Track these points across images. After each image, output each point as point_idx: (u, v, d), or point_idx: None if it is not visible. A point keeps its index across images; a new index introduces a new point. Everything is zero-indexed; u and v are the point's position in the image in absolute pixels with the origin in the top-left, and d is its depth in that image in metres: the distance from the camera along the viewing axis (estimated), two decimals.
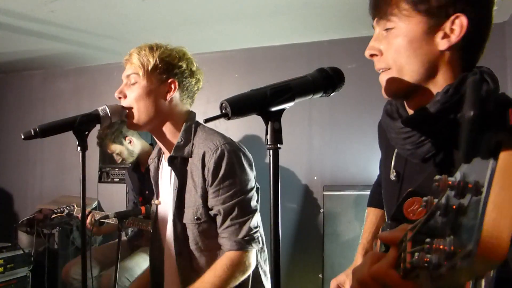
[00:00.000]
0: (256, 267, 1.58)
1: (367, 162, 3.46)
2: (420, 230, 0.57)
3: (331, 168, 3.63)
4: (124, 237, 3.25)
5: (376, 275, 0.64)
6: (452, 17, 0.88)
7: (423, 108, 0.92)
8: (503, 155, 0.47)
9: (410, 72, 0.93)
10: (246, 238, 1.47)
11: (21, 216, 4.39)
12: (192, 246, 1.54)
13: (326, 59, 3.60)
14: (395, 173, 1.07)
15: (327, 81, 0.96)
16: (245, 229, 1.47)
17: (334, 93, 0.98)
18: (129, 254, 3.17)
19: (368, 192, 1.60)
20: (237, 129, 3.79)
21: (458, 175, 0.50)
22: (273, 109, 0.90)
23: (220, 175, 1.46)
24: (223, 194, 1.47)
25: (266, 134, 0.90)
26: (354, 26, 3.27)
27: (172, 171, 1.58)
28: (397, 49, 0.92)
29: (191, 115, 1.62)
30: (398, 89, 0.96)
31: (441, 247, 0.49)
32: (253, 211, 1.51)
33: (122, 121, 3.11)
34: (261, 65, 3.87)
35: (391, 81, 0.96)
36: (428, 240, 0.52)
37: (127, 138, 3.06)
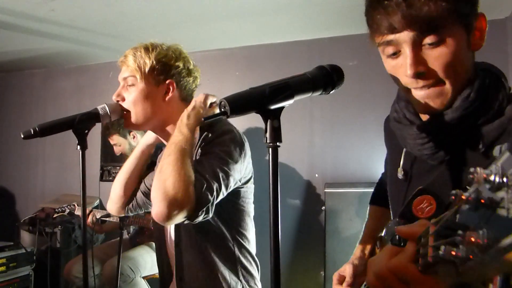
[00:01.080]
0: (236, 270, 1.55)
1: (368, 159, 3.46)
2: (445, 225, 0.56)
3: (332, 166, 3.62)
4: (126, 235, 3.26)
5: (395, 269, 0.64)
6: (478, 18, 0.87)
7: (441, 114, 0.90)
8: None
9: (459, 83, 0.89)
10: (204, 190, 1.31)
11: (23, 215, 4.40)
12: (191, 237, 1.53)
13: (327, 57, 3.59)
14: (403, 172, 1.06)
15: (326, 78, 0.95)
16: (206, 187, 1.32)
17: (333, 90, 0.98)
18: None
19: (369, 190, 1.59)
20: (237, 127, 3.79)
21: (493, 168, 0.48)
22: (272, 107, 0.89)
23: (209, 140, 1.44)
24: (203, 154, 1.42)
25: (266, 132, 0.90)
26: (355, 23, 3.26)
27: None
28: (454, 61, 0.85)
29: None
30: (449, 101, 0.90)
31: (472, 239, 0.47)
32: (220, 179, 1.37)
33: None
34: (261, 63, 3.86)
35: (446, 93, 0.89)
36: (460, 232, 0.50)
37: (131, 133, 3.08)
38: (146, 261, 3.04)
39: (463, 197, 0.50)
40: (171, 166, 1.31)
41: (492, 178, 0.47)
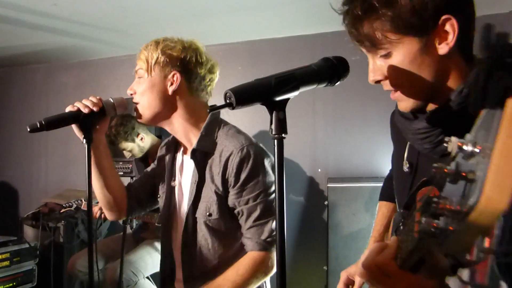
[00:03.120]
0: None
1: (371, 154, 3.45)
2: (428, 199, 0.57)
3: (335, 160, 3.62)
4: (129, 230, 3.27)
5: (378, 264, 0.76)
6: (440, 23, 0.88)
7: (440, 109, 0.93)
8: (510, 102, 0.48)
9: (422, 88, 0.93)
10: (269, 239, 1.46)
11: (26, 210, 4.40)
12: (201, 241, 1.53)
13: (330, 51, 3.53)
14: (408, 165, 1.07)
15: (332, 70, 0.96)
16: (268, 230, 1.46)
17: (339, 82, 0.98)
18: (134, 247, 3.18)
19: (372, 184, 1.60)
20: (240, 122, 3.79)
21: (468, 136, 0.51)
22: (278, 98, 0.89)
23: (244, 176, 1.45)
24: (247, 195, 1.46)
25: (271, 123, 0.89)
26: None
27: (192, 163, 1.56)
28: (401, 72, 0.92)
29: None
30: (414, 105, 0.96)
31: (447, 206, 0.50)
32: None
33: (133, 117, 3.13)
34: (264, 58, 3.85)
35: (405, 99, 0.96)
36: (435, 199, 0.52)
37: (139, 136, 3.10)
38: (147, 262, 3.06)
39: (445, 170, 0.53)
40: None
41: (465, 147, 0.50)
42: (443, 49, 0.90)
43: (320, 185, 3.65)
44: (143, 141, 3.13)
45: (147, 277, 3.10)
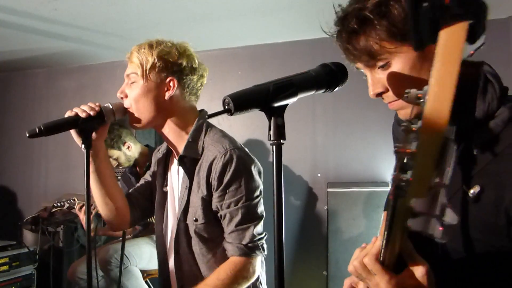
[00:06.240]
0: (257, 278, 1.57)
1: (370, 159, 3.45)
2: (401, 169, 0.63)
3: (335, 165, 3.62)
4: (128, 236, 3.26)
5: (364, 263, 0.84)
6: None
7: None
8: (442, 33, 0.53)
9: None
10: (250, 244, 1.46)
11: (25, 214, 4.40)
12: (191, 248, 1.54)
13: (330, 56, 3.55)
14: None
15: (330, 76, 0.96)
16: (249, 235, 1.46)
17: (337, 88, 0.98)
18: None
19: (371, 189, 1.59)
20: (240, 126, 3.79)
21: (426, 88, 0.56)
22: (276, 104, 0.89)
23: (226, 180, 1.45)
24: (229, 198, 1.46)
25: (269, 129, 0.90)
26: None
27: (181, 170, 1.57)
28: (402, 79, 0.91)
29: (202, 113, 1.60)
30: (416, 110, 0.95)
31: (401, 150, 0.56)
32: (259, 218, 1.50)
33: (121, 126, 3.12)
34: (264, 62, 3.86)
35: (408, 105, 0.95)
36: (396, 145, 0.58)
37: (125, 144, 3.10)
38: (142, 251, 3.05)
39: (413, 129, 0.58)
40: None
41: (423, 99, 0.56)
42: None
43: (319, 190, 3.64)
44: (130, 150, 3.13)
45: (146, 277, 3.09)
